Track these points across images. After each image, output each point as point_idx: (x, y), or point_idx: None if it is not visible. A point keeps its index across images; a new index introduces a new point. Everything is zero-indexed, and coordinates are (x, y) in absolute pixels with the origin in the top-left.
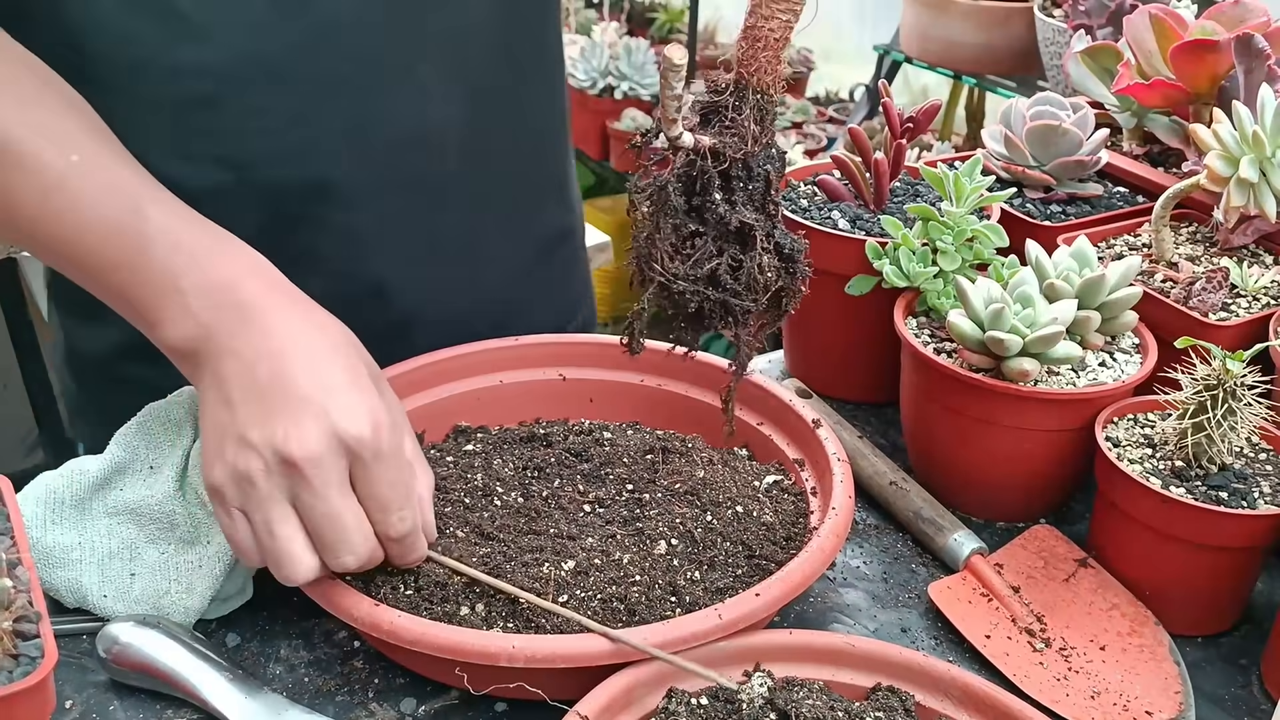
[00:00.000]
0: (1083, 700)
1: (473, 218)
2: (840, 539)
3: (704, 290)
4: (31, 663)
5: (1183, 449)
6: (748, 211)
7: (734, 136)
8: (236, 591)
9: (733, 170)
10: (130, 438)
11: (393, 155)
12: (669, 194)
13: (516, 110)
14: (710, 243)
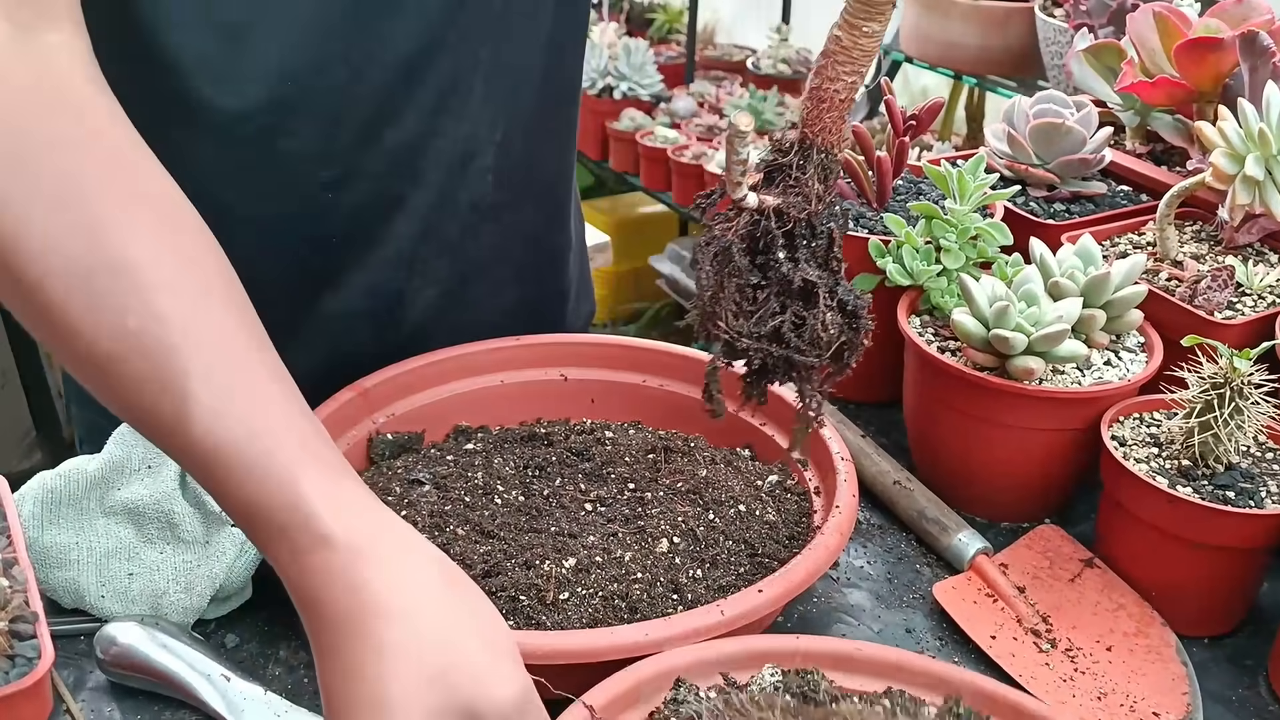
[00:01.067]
0: (1089, 701)
1: (500, 234)
2: (844, 537)
3: (768, 347)
4: (28, 663)
5: (1189, 448)
6: (810, 269)
7: (798, 196)
8: (236, 591)
9: (796, 229)
10: (128, 437)
11: (437, 176)
12: (733, 254)
13: (546, 133)
14: (774, 300)
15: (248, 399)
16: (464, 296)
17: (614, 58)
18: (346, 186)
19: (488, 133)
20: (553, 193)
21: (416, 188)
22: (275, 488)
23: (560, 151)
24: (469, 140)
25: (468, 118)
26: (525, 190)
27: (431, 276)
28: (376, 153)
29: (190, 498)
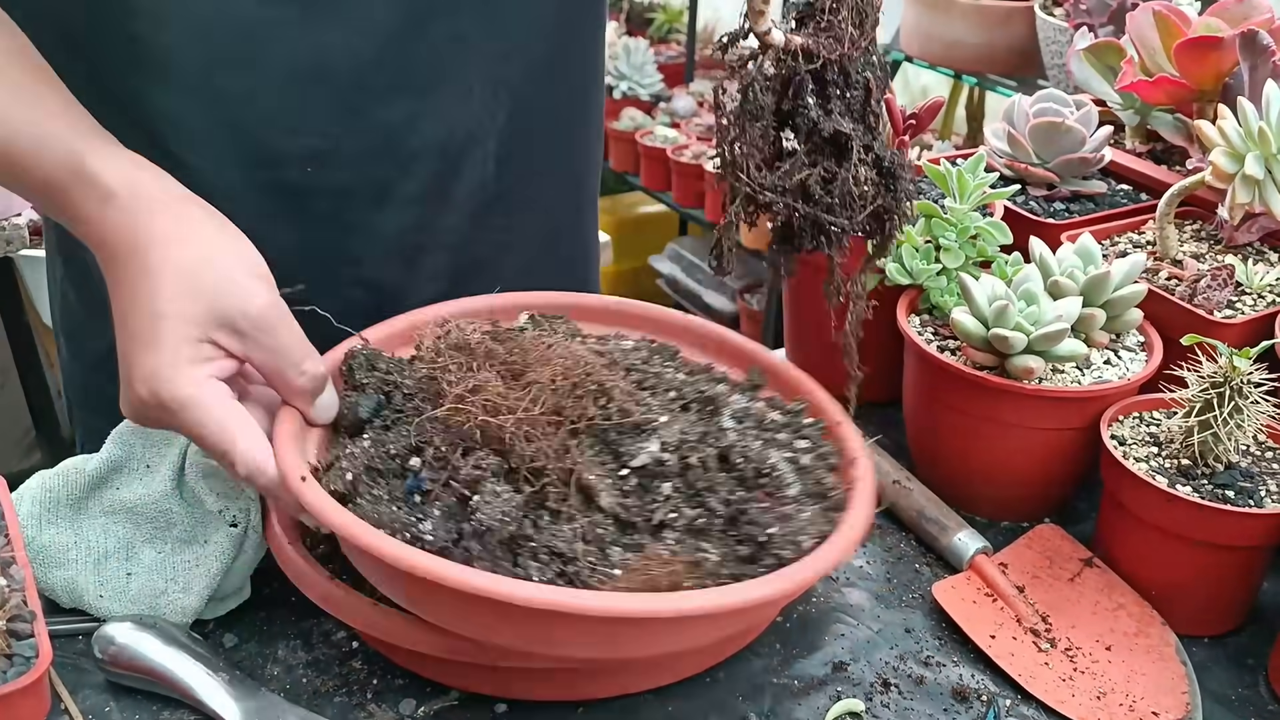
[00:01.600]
0: (1089, 701)
1: (505, 226)
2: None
3: (793, 204)
4: (26, 662)
5: (1189, 447)
6: (844, 120)
7: (829, 38)
8: (234, 591)
9: (828, 74)
10: (126, 437)
11: (430, 164)
12: (756, 93)
13: (556, 120)
14: (802, 152)
15: (28, 104)
16: (466, 293)
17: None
18: (328, 165)
19: (489, 120)
20: (567, 188)
21: (406, 175)
22: (64, 161)
23: (576, 144)
24: (467, 128)
25: (463, 103)
26: (534, 183)
27: (430, 271)
28: (357, 131)
29: (188, 497)
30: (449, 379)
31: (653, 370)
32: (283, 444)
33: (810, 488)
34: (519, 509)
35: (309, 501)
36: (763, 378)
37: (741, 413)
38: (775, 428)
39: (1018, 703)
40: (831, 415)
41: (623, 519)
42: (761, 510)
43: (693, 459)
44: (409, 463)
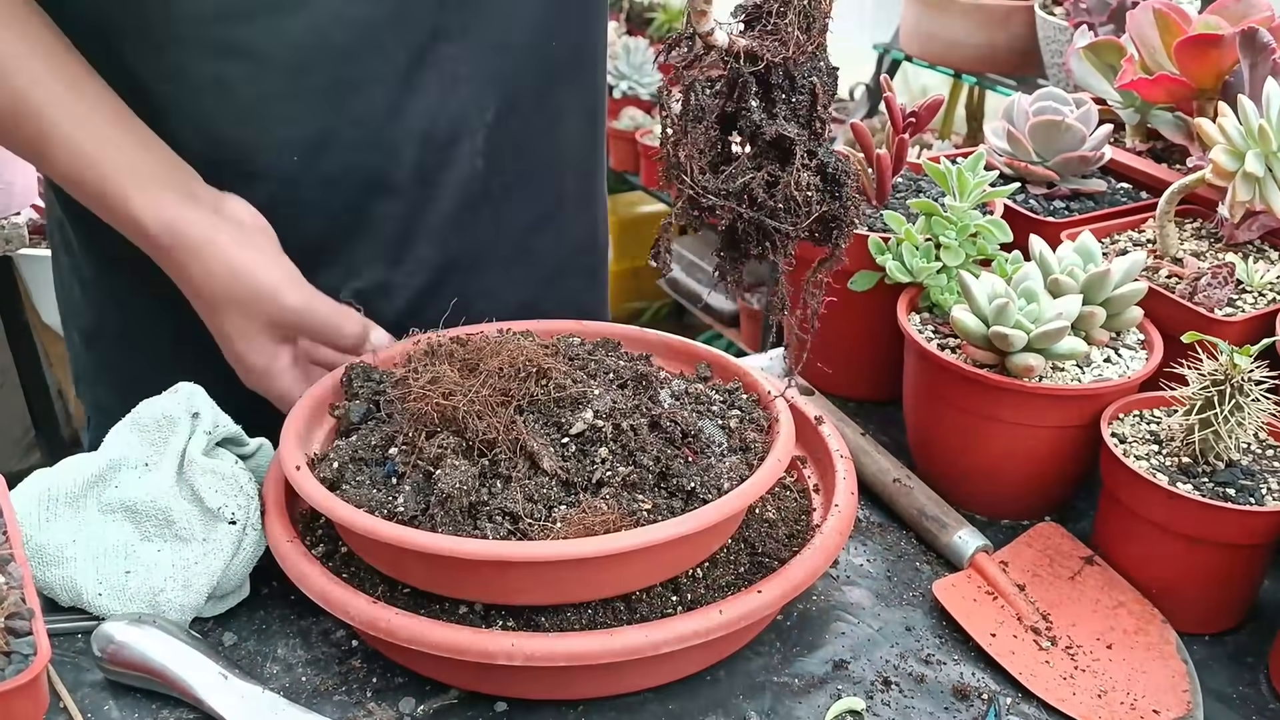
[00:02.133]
0: (1090, 699)
1: (494, 222)
2: (843, 536)
3: (737, 207)
4: (24, 660)
5: (1189, 445)
6: (789, 125)
7: (775, 41)
8: (233, 589)
9: (773, 78)
10: (125, 435)
11: (417, 151)
12: (697, 95)
13: (550, 115)
14: (746, 156)
15: (92, 145)
16: (458, 289)
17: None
18: (319, 154)
19: (477, 113)
20: (563, 183)
21: (396, 165)
22: (116, 207)
23: (572, 141)
24: (454, 121)
25: (449, 96)
26: (525, 179)
27: (415, 264)
28: (346, 120)
29: (187, 495)
30: (415, 377)
31: (594, 358)
32: (287, 440)
33: (735, 445)
34: (474, 479)
35: (301, 487)
36: (709, 370)
37: (680, 392)
38: (710, 401)
39: (1018, 701)
40: (763, 390)
41: (564, 480)
42: (686, 464)
43: (624, 425)
44: (388, 451)
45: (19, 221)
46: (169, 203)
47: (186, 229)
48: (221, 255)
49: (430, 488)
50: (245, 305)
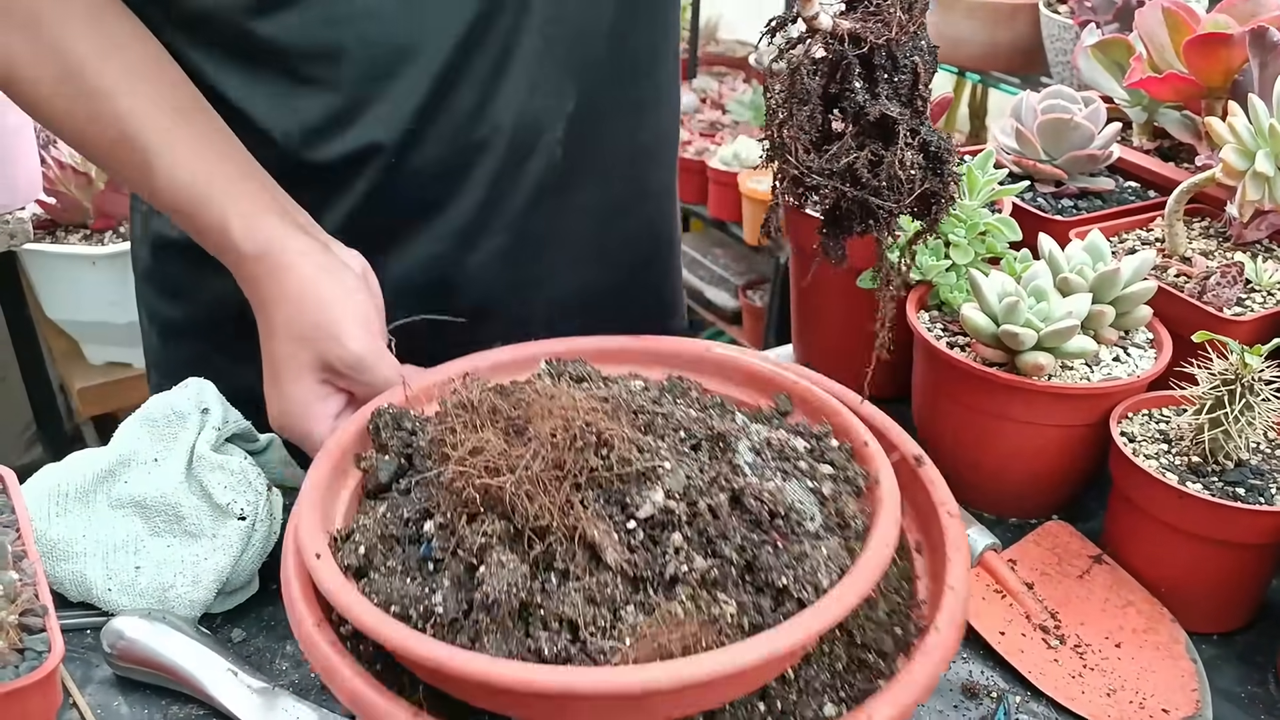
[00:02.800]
0: (1099, 697)
1: (569, 212)
2: (961, 632)
3: (841, 186)
4: (38, 657)
5: (1199, 444)
6: (890, 104)
7: (878, 22)
8: (242, 585)
9: (875, 59)
10: (135, 430)
11: (503, 145)
12: (803, 77)
13: (626, 113)
14: (849, 136)
15: (191, 162)
16: (527, 279)
17: None
18: (410, 153)
19: (557, 102)
20: (636, 168)
21: (482, 154)
22: (212, 223)
23: (645, 125)
24: (536, 114)
25: (530, 83)
26: (599, 167)
27: (491, 251)
28: (441, 117)
29: (197, 491)
30: (453, 440)
31: (661, 411)
32: (305, 513)
33: (831, 519)
34: (525, 576)
35: (322, 583)
36: (789, 403)
37: (760, 444)
38: (796, 456)
39: (1027, 699)
40: (858, 436)
41: (631, 575)
42: (775, 553)
43: (701, 505)
44: (423, 527)
45: (24, 216)
46: (269, 224)
47: (280, 246)
48: (299, 278)
49: (473, 584)
50: (303, 335)
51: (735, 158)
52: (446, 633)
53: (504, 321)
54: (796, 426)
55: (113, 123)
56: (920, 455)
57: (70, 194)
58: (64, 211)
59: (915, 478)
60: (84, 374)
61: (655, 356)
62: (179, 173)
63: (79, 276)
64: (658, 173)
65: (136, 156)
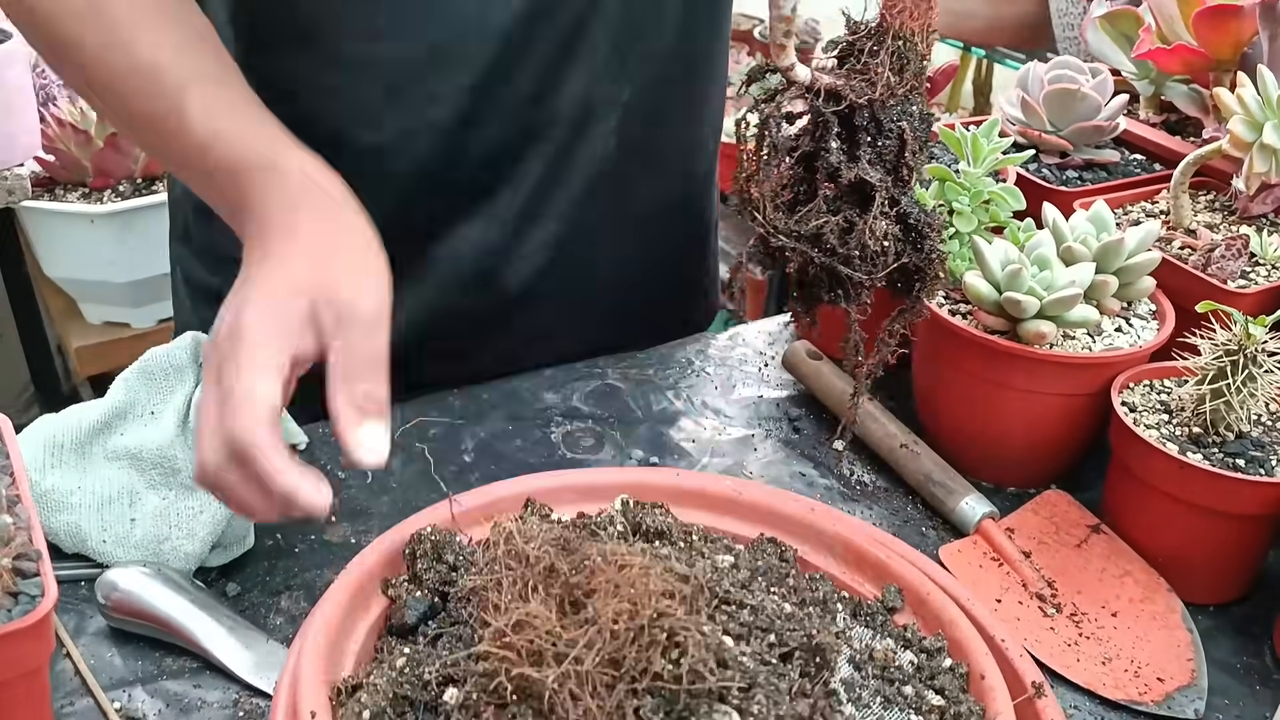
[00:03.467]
0: (1094, 666)
1: (620, 203)
2: None
3: (806, 250)
4: (31, 601)
5: (1200, 415)
6: (872, 169)
7: (863, 81)
8: (237, 540)
9: (858, 119)
10: (132, 383)
11: (558, 132)
12: (772, 128)
13: (683, 107)
14: (823, 198)
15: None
16: (574, 267)
17: None
18: (463, 133)
19: (613, 91)
20: (686, 158)
21: (537, 141)
22: (255, 144)
23: (696, 114)
24: (591, 98)
25: (591, 72)
26: (653, 159)
27: (541, 238)
28: (498, 102)
29: (193, 444)
30: (497, 599)
31: (750, 603)
32: (309, 657)
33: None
34: None
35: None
36: (899, 599)
37: (862, 656)
38: (903, 678)
39: None
40: (976, 662)
41: None
42: None
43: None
44: (443, 695)
45: (22, 173)
46: (279, 142)
47: (285, 154)
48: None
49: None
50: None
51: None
52: None
53: (548, 310)
54: (905, 633)
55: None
56: (1040, 684)
57: (69, 152)
58: (63, 169)
59: (1030, 711)
60: (82, 333)
61: (750, 510)
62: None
63: (77, 235)
64: (706, 161)
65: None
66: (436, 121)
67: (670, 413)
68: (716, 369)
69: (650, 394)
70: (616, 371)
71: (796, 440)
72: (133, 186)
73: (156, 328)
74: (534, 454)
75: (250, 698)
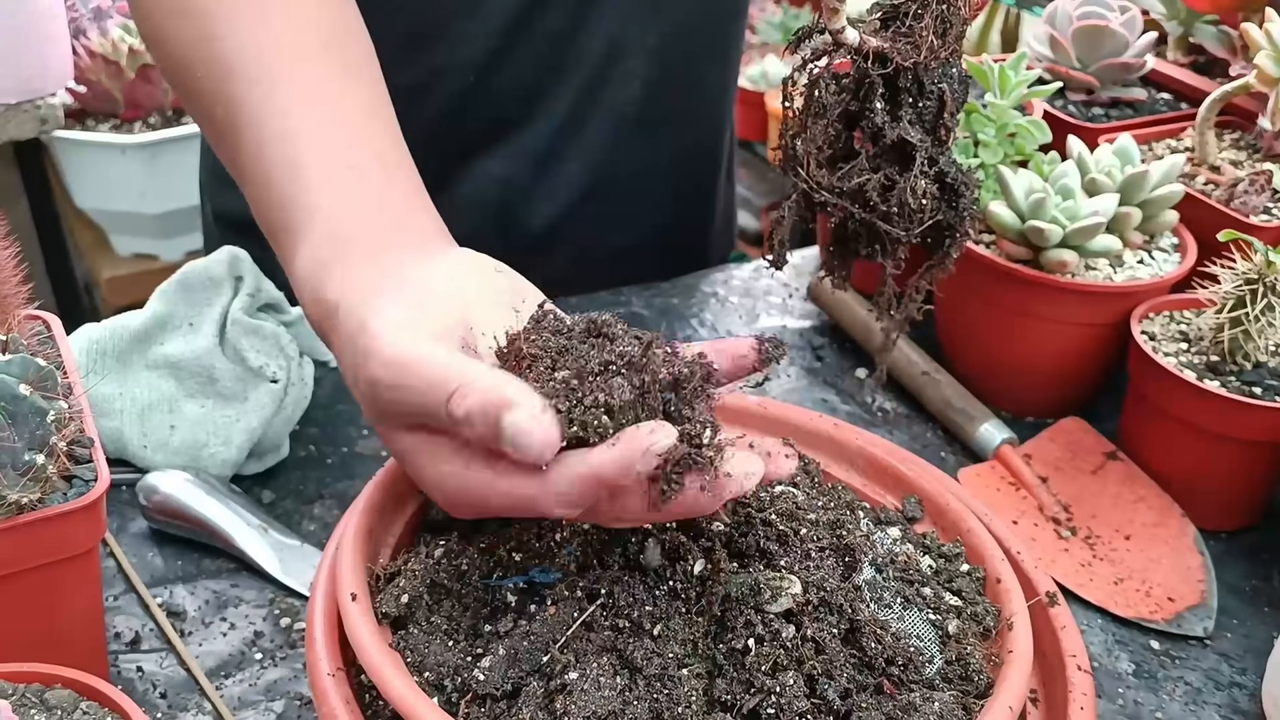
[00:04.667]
0: (1106, 585)
1: (646, 149)
2: None
3: (849, 206)
4: (85, 485)
5: (1218, 344)
6: (911, 129)
7: (907, 44)
8: (272, 449)
9: (901, 81)
10: (171, 295)
11: (582, 74)
12: (821, 91)
13: (713, 58)
14: (865, 157)
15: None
16: (596, 210)
17: None
18: (492, 71)
19: (639, 34)
20: (711, 113)
21: (560, 83)
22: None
23: (722, 69)
24: (616, 38)
25: (617, 14)
26: (681, 108)
27: (564, 179)
28: (524, 41)
29: (230, 354)
30: None
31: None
32: (349, 542)
33: (951, 667)
34: (617, 695)
35: (350, 630)
36: (919, 509)
37: (884, 559)
38: (921, 580)
39: None
40: (993, 566)
41: (711, 696)
42: (879, 698)
43: (810, 632)
44: (491, 578)
45: (55, 103)
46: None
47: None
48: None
49: (530, 657)
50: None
51: (763, 76)
52: (485, 713)
53: (562, 252)
54: (924, 539)
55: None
56: (1054, 593)
57: (101, 83)
58: (94, 100)
59: (1044, 619)
60: (112, 264)
61: (773, 424)
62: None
63: (108, 165)
64: (729, 110)
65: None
66: (466, 61)
67: (694, 340)
68: (741, 299)
69: (674, 322)
70: (641, 300)
71: (819, 368)
72: (163, 118)
73: (186, 260)
74: None
75: (285, 597)
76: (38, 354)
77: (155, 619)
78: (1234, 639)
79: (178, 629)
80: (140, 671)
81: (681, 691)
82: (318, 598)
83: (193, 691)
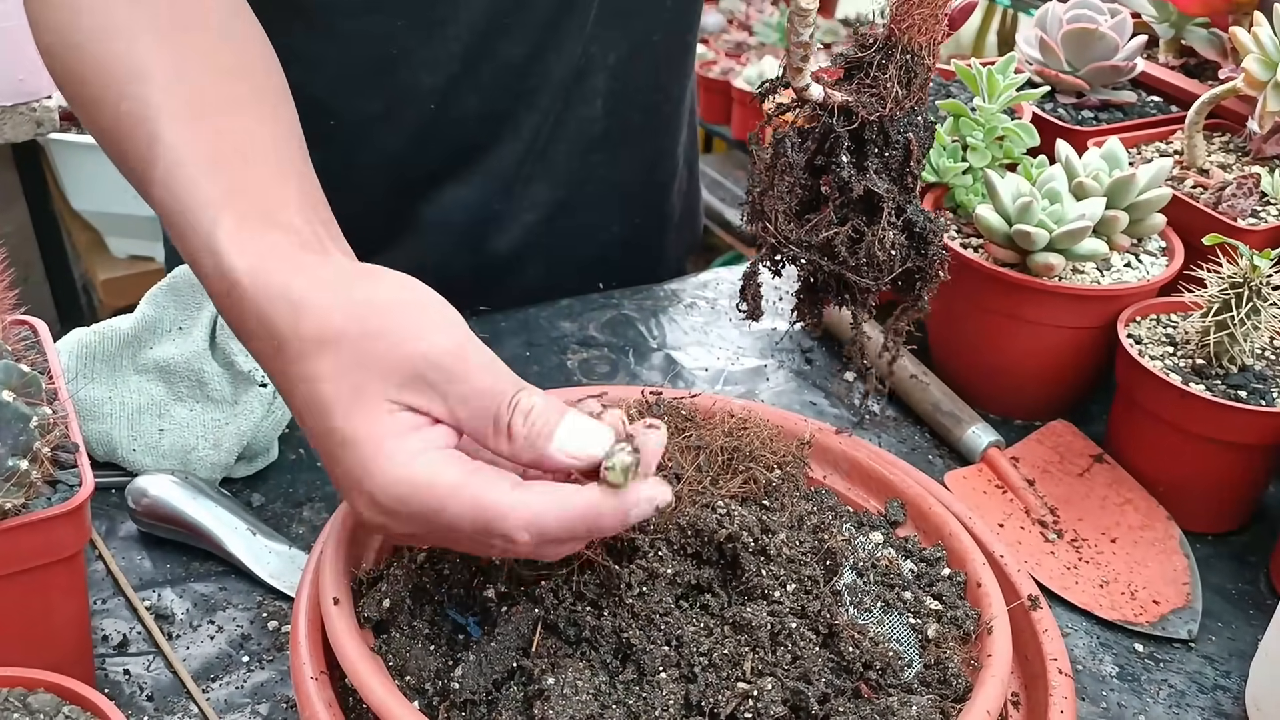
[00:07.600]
0: (1092, 588)
1: (610, 165)
2: None
3: (817, 260)
4: (70, 490)
5: (1204, 348)
6: (878, 180)
7: (872, 96)
8: (262, 451)
9: (866, 133)
10: (161, 298)
11: (547, 97)
12: (787, 148)
13: (674, 64)
14: (832, 209)
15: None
16: (563, 225)
17: None
18: (455, 97)
19: (601, 53)
20: (669, 123)
21: (524, 108)
22: (200, 242)
23: (681, 78)
24: (580, 59)
25: (581, 36)
26: (641, 120)
27: (531, 200)
28: (488, 66)
29: (220, 358)
30: None
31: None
32: (333, 547)
33: (930, 671)
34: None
35: (333, 634)
36: (902, 513)
37: (865, 563)
38: (902, 584)
39: None
40: (974, 571)
41: (687, 699)
42: (855, 702)
43: (790, 626)
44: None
45: (50, 105)
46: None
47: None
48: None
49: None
50: (356, 342)
51: (760, 78)
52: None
53: (531, 269)
54: (905, 543)
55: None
56: (1036, 596)
57: None
58: None
59: (1026, 622)
60: (108, 266)
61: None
62: (171, 178)
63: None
64: (686, 116)
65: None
66: (429, 88)
67: (684, 342)
68: (731, 301)
69: (665, 324)
70: (632, 302)
71: (808, 371)
72: None
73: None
74: (550, 380)
75: (273, 600)
76: (23, 359)
77: (143, 622)
78: (1218, 642)
79: (165, 632)
80: (127, 674)
81: (659, 696)
82: (302, 602)
83: (179, 694)
